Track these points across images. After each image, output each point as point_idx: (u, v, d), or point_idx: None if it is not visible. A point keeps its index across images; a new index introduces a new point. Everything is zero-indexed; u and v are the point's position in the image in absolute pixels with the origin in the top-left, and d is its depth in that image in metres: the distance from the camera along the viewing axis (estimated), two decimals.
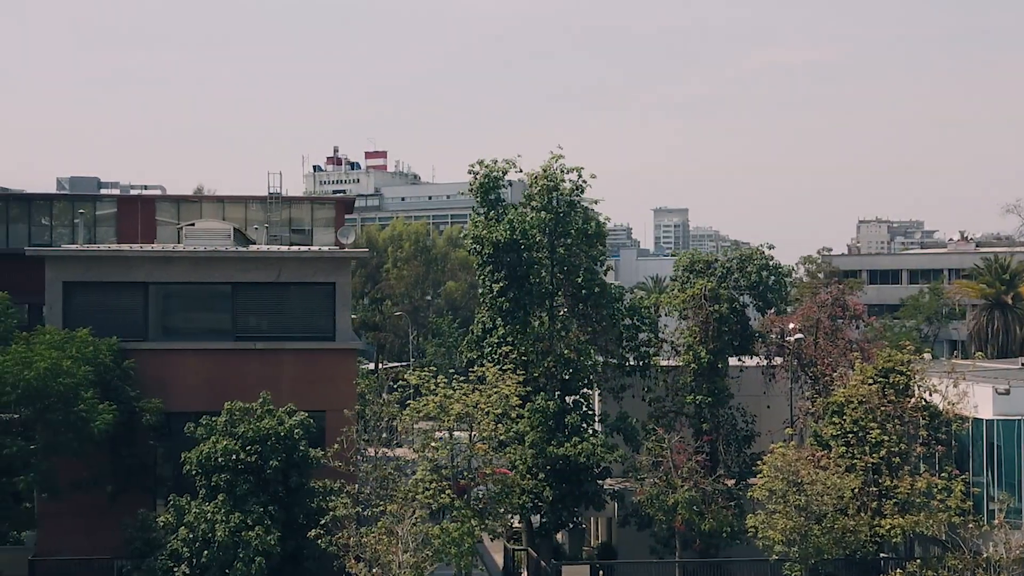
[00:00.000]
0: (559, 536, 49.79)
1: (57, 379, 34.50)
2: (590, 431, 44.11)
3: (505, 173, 46.10)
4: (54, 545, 39.11)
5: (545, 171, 45.10)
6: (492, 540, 42.73)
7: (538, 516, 44.67)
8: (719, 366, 46.46)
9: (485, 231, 44.53)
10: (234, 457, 34.95)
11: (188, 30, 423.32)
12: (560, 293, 45.39)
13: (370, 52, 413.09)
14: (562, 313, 45.52)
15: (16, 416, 35.57)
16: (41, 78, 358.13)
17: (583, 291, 45.00)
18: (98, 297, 40.44)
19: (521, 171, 46.07)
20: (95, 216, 60.25)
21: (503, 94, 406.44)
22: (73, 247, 45.93)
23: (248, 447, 35.08)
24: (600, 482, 44.14)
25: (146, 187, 68.32)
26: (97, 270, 40.67)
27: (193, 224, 49.25)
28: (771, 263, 48.97)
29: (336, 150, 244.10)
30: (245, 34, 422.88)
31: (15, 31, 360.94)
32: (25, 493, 36.44)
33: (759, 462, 39.91)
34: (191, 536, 34.43)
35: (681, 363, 46.63)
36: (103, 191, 66.79)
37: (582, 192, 45.25)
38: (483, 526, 36.38)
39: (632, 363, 46.15)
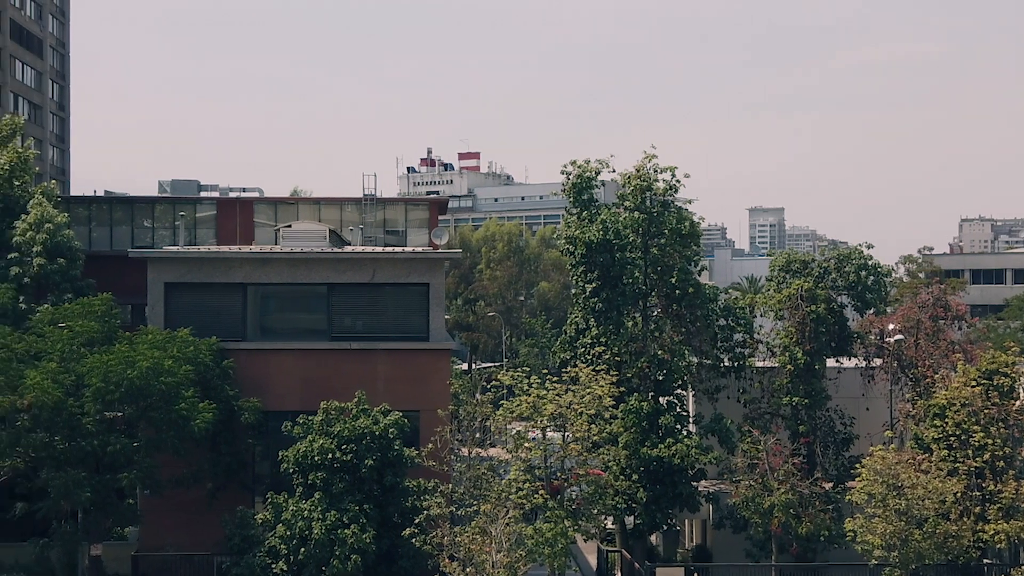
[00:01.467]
0: (653, 538, 49.48)
1: (159, 378, 35.21)
2: (684, 432, 43.76)
3: (598, 173, 45.96)
4: (156, 541, 39.94)
5: (638, 171, 44.89)
6: (585, 541, 42.60)
7: (632, 517, 44.44)
8: (816, 367, 45.75)
9: (578, 231, 44.44)
10: (330, 456, 35.35)
11: (284, 37, 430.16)
12: (654, 293, 45.12)
13: (464, 54, 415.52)
14: (656, 314, 45.25)
15: (120, 414, 36.41)
16: (144, 84, 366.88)
17: (677, 291, 44.66)
18: (198, 298, 41.22)
19: (614, 171, 45.95)
20: (195, 218, 61.45)
21: (596, 94, 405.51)
22: (174, 249, 46.88)
23: (344, 446, 35.46)
24: (694, 484, 43.77)
25: (244, 190, 69.42)
26: (197, 271, 41.46)
27: (290, 226, 49.96)
28: (870, 263, 48.03)
29: (430, 151, 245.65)
30: (340, 38, 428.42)
31: (120, 38, 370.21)
32: (128, 490, 37.24)
33: (857, 465, 39.23)
34: (288, 533, 34.88)
35: (777, 364, 46.02)
36: (203, 194, 68.01)
37: (676, 192, 44.93)
38: (576, 527, 36.27)
39: (727, 364, 45.68)
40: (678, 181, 44.81)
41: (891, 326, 46.60)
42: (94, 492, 35.11)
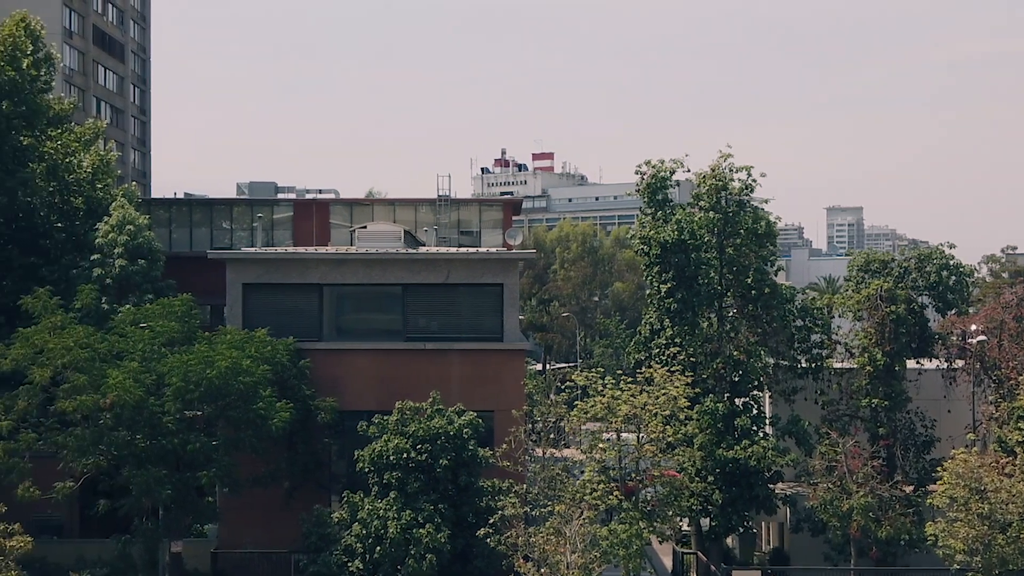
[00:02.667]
0: (729, 540, 49.04)
1: (237, 378, 35.63)
2: (761, 434, 43.32)
3: (672, 173, 45.69)
4: (235, 538, 40.46)
5: (713, 170, 44.54)
6: (661, 543, 42.36)
7: (707, 519, 44.09)
8: (896, 369, 45.02)
9: (652, 231, 44.22)
10: (405, 455, 35.52)
11: (361, 39, 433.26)
12: (729, 294, 44.73)
13: (538, 54, 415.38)
14: (731, 314, 44.84)
15: (199, 413, 36.92)
16: (222, 87, 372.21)
17: (753, 292, 44.23)
18: (275, 298, 41.70)
19: (689, 171, 45.59)
20: (272, 220, 62.20)
21: (670, 93, 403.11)
22: (252, 250, 47.50)
23: (419, 446, 35.61)
24: (771, 486, 43.31)
25: (320, 191, 70.25)
26: (274, 272, 41.93)
27: (365, 227, 50.31)
28: (952, 262, 47.17)
29: (504, 152, 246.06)
30: (414, 40, 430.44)
31: (199, 43, 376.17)
32: (208, 487, 37.72)
33: (939, 468, 38.48)
34: (364, 532, 35.12)
35: (856, 365, 45.35)
36: (280, 196, 68.93)
37: (751, 191, 44.50)
38: (651, 528, 36.07)
39: (804, 365, 45.12)
40: (754, 180, 44.40)
41: (973, 327, 45.68)
42: (174, 490, 35.62)
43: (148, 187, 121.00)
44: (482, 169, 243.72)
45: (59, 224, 52.85)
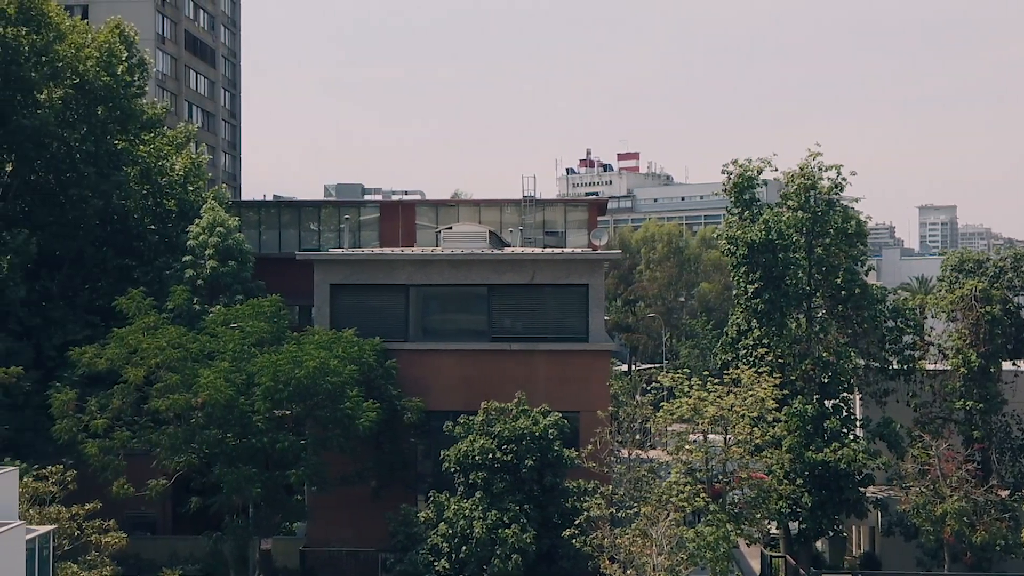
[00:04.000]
0: (819, 544, 48.36)
1: (325, 378, 36.00)
2: (851, 436, 42.66)
3: (760, 172, 45.30)
4: (323, 536, 40.93)
5: (802, 169, 44.03)
6: (748, 545, 41.94)
7: (796, 522, 43.55)
8: (991, 370, 44.02)
9: (739, 231, 43.85)
10: (491, 456, 35.60)
11: (446, 41, 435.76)
12: (818, 294, 44.15)
13: (623, 53, 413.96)
14: (820, 315, 44.25)
15: (288, 413, 37.37)
16: (310, 89, 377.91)
17: (842, 292, 43.59)
18: (362, 299, 42.09)
19: (777, 170, 45.12)
20: (359, 221, 62.69)
21: (757, 92, 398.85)
22: (339, 251, 47.97)
23: (504, 446, 35.67)
24: (862, 489, 42.62)
25: (407, 192, 70.62)
26: (361, 273, 42.33)
27: (451, 227, 50.55)
28: None
29: (589, 152, 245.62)
30: (498, 40, 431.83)
31: (287, 46, 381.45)
32: (296, 486, 38.17)
33: None
34: (450, 532, 35.27)
35: (949, 367, 44.44)
36: (367, 197, 69.37)
37: (841, 190, 43.89)
38: (739, 531, 35.72)
39: (895, 367, 44.33)
40: (843, 179, 43.79)
41: None
42: (264, 488, 36.09)
43: (238, 189, 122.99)
44: (567, 170, 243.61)
45: (152, 226, 53.91)
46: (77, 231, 50.68)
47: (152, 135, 56.10)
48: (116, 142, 52.76)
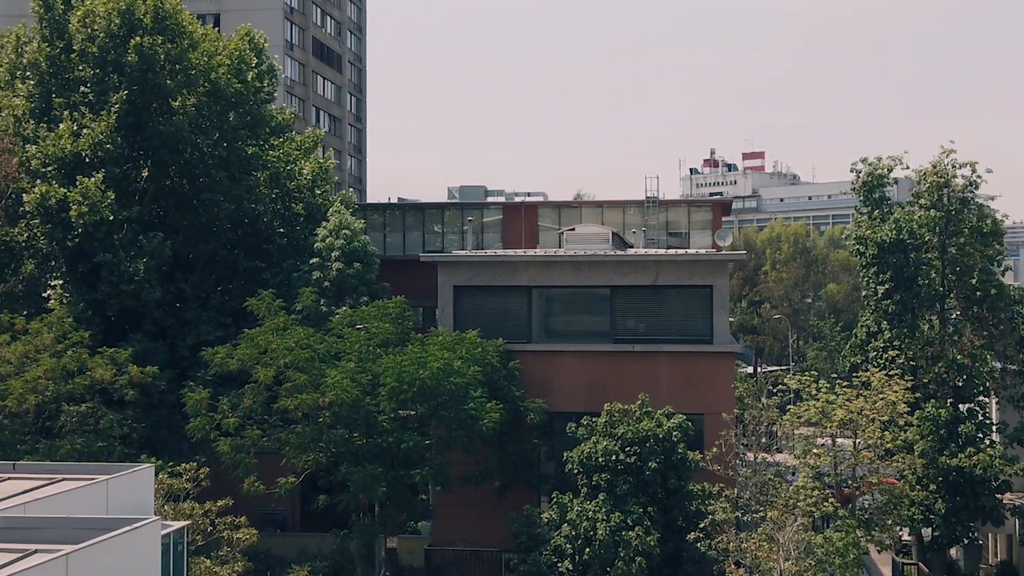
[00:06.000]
0: (953, 552, 47.05)
1: (449, 378, 36.24)
2: (987, 441, 41.39)
3: (890, 170, 44.39)
4: (447, 535, 41.25)
5: (935, 167, 42.95)
6: (879, 552, 40.96)
7: (929, 529, 42.43)
8: None
9: (869, 231, 42.99)
10: (614, 457, 35.44)
11: (566, 41, 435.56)
12: (952, 295, 42.97)
13: (748, 51, 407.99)
14: (954, 316, 43.07)
15: (412, 413, 37.73)
16: (433, 92, 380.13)
17: (977, 293, 42.33)
18: (485, 300, 42.30)
19: (908, 168, 44.16)
20: (482, 223, 63.12)
21: (887, 88, 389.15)
22: (462, 253, 48.32)
23: (627, 448, 35.48)
24: (998, 496, 41.30)
25: (529, 194, 70.97)
26: (484, 274, 42.54)
27: (573, 229, 50.51)
28: None
29: (713, 152, 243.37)
30: (622, 41, 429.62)
31: (411, 50, 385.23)
32: (421, 485, 38.53)
33: None
34: (573, 533, 35.20)
35: None
36: (489, 199, 69.94)
37: (976, 188, 42.66)
38: (869, 537, 34.94)
39: None
40: (979, 177, 42.54)
41: None
42: (389, 487, 36.47)
43: (363, 192, 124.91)
44: (691, 170, 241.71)
45: (281, 229, 55.05)
46: (210, 234, 52.02)
47: (281, 140, 57.28)
48: (246, 147, 54.00)
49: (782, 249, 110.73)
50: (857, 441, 35.20)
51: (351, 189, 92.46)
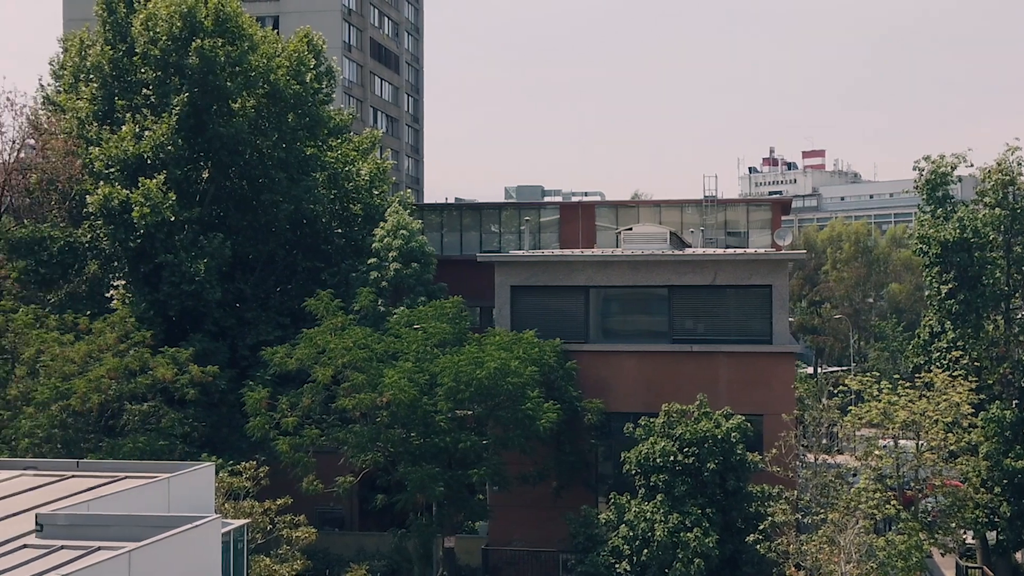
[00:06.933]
0: (1019, 555, 46.23)
1: (506, 378, 36.23)
2: None
3: (954, 168, 43.80)
4: (504, 535, 41.24)
5: (999, 164, 42.33)
6: (943, 555, 40.38)
7: (994, 532, 41.73)
8: None
9: (932, 230, 42.43)
10: (672, 458, 35.22)
11: (626, 40, 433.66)
12: (1017, 294, 42.29)
13: (808, 48, 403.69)
14: (1019, 316, 42.40)
15: (470, 413, 37.78)
16: (490, 93, 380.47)
17: None
18: (542, 300, 42.25)
19: (972, 166, 43.59)
20: (539, 223, 63.10)
21: (950, 84, 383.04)
22: (519, 253, 48.30)
23: (686, 449, 35.25)
24: None
25: (586, 194, 70.89)
26: (541, 274, 42.49)
27: (631, 228, 50.31)
28: None
29: (772, 151, 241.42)
30: (678, 37, 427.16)
31: (467, 51, 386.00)
32: (478, 485, 38.56)
33: None
34: (631, 534, 35.03)
35: None
36: (546, 199, 70.08)
37: None
38: (932, 540, 34.42)
39: None
40: None
41: None
42: (447, 487, 36.52)
43: (420, 193, 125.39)
44: (749, 169, 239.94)
45: (339, 230, 55.37)
46: (269, 235, 52.46)
47: (339, 141, 57.62)
48: (305, 148, 54.39)
49: (843, 248, 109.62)
50: (920, 443, 34.71)
51: (408, 189, 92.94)
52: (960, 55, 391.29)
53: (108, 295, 52.46)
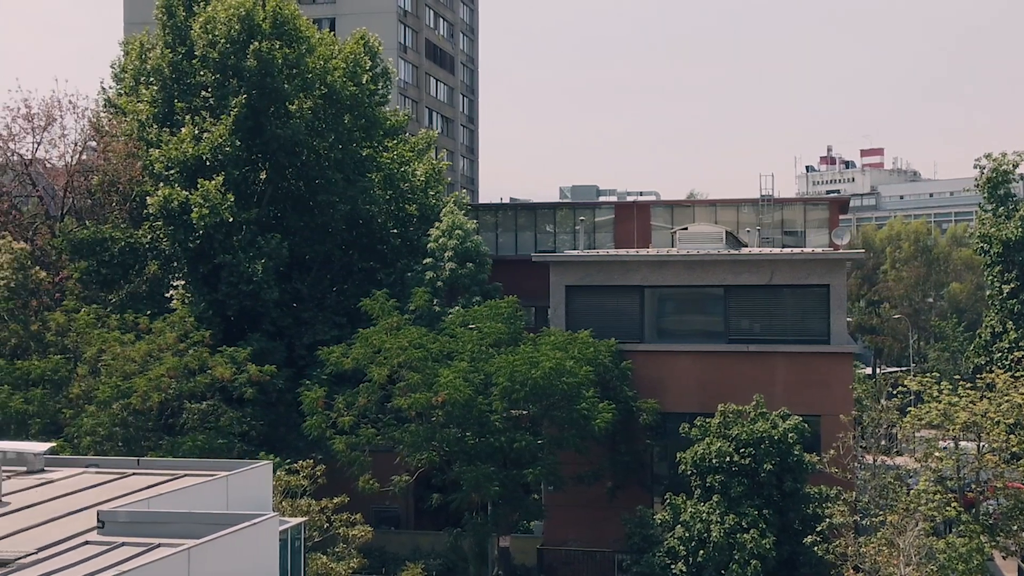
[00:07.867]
0: None
1: (561, 378, 36.21)
2: None
3: (1016, 166, 43.32)
4: (559, 535, 41.23)
5: None
6: (1004, 559, 39.75)
7: None
8: None
9: (993, 229, 41.94)
10: (728, 459, 35.01)
11: (683, 39, 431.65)
12: None
13: (866, 45, 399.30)
14: None
15: (525, 412, 37.80)
16: (545, 93, 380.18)
17: None
18: (597, 300, 42.19)
19: None
20: (594, 223, 62.94)
21: (1011, 83, 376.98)
22: (574, 253, 48.23)
23: (742, 449, 35.02)
24: None
25: (641, 193, 70.57)
26: (596, 274, 42.42)
27: (686, 228, 50.07)
28: None
29: (829, 149, 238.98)
30: (733, 35, 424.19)
31: (522, 51, 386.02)
32: (533, 485, 38.56)
33: None
34: (687, 535, 34.87)
35: None
36: (601, 198, 69.85)
37: None
38: (994, 543, 33.91)
39: None
40: None
41: None
42: (502, 486, 36.58)
43: (476, 193, 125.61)
44: (806, 167, 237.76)
45: (394, 230, 55.64)
46: (325, 235, 52.83)
47: (395, 142, 57.89)
48: (361, 149, 54.71)
49: (902, 248, 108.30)
50: (981, 444, 34.22)
51: (464, 190, 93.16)
52: (1022, 52, 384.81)
53: (168, 295, 53.09)
